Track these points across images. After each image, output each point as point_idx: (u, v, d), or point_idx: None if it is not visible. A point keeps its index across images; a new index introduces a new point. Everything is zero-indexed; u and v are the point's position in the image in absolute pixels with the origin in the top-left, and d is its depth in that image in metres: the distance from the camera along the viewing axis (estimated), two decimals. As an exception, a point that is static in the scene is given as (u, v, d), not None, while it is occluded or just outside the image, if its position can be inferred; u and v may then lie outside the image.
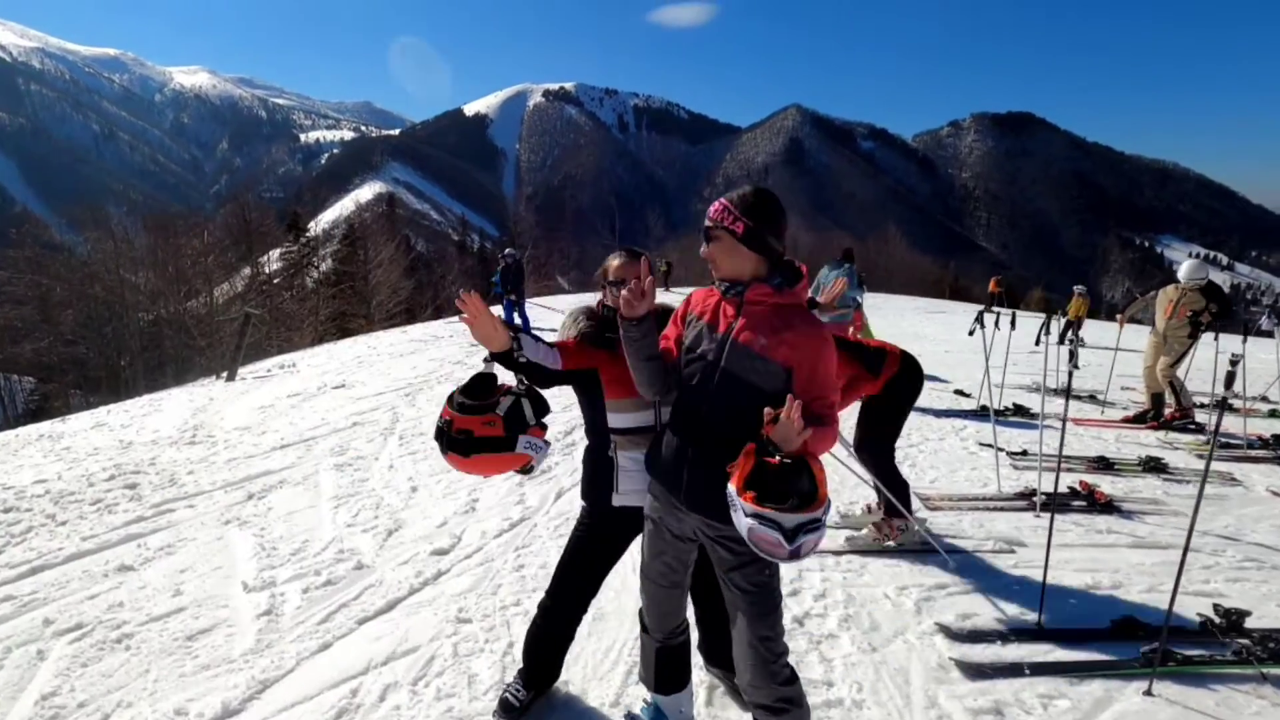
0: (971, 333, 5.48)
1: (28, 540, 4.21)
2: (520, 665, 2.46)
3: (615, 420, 2.21)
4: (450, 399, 2.04)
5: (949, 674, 2.65)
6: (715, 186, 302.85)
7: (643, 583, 2.16)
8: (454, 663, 2.70)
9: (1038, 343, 5.40)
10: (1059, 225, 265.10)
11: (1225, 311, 7.05)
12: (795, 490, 1.62)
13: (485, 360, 2.08)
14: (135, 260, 26.77)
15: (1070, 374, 3.31)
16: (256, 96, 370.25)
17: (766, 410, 1.67)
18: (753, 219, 1.85)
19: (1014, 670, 2.65)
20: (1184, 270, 7.18)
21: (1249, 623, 2.89)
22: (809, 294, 2.22)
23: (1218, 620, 2.89)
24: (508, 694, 2.40)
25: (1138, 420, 7.34)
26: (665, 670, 2.21)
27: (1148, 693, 2.52)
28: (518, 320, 12.67)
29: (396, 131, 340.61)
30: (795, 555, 1.60)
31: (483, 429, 1.97)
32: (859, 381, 3.67)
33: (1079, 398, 8.69)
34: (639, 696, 2.46)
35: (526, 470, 2.12)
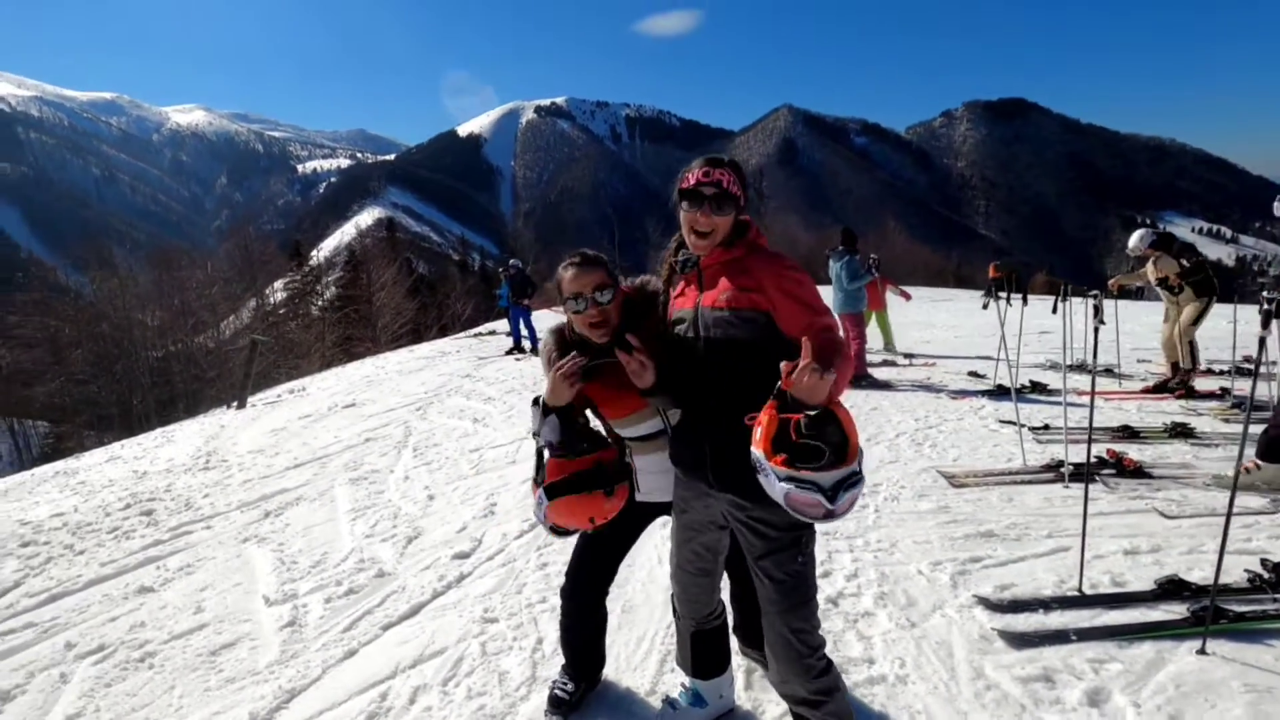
0: (985, 306, 5.41)
1: (47, 570, 4.18)
2: (561, 661, 2.40)
3: (624, 432, 2.12)
4: (559, 455, 1.97)
5: (993, 645, 2.56)
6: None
7: (673, 570, 2.09)
8: (483, 662, 2.64)
9: (1055, 310, 5.33)
10: (1058, 209, 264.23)
11: (1199, 268, 7.16)
12: (827, 443, 1.48)
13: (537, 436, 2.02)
14: (141, 297, 26.93)
15: (1097, 332, 3.21)
16: (252, 130, 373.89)
17: (783, 364, 1.53)
18: (744, 188, 1.82)
19: (1060, 637, 2.56)
20: (1130, 242, 7.44)
21: (1299, 576, 2.79)
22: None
23: (1267, 575, 2.80)
24: (556, 689, 2.33)
25: (1158, 390, 7.23)
26: (702, 654, 2.14)
27: (1201, 651, 2.43)
28: (524, 330, 12.62)
29: (392, 156, 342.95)
30: (833, 515, 1.48)
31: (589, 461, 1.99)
32: None
33: (1093, 372, 8.57)
34: (675, 683, 2.38)
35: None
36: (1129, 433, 5.45)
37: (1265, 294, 2.49)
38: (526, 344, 12.55)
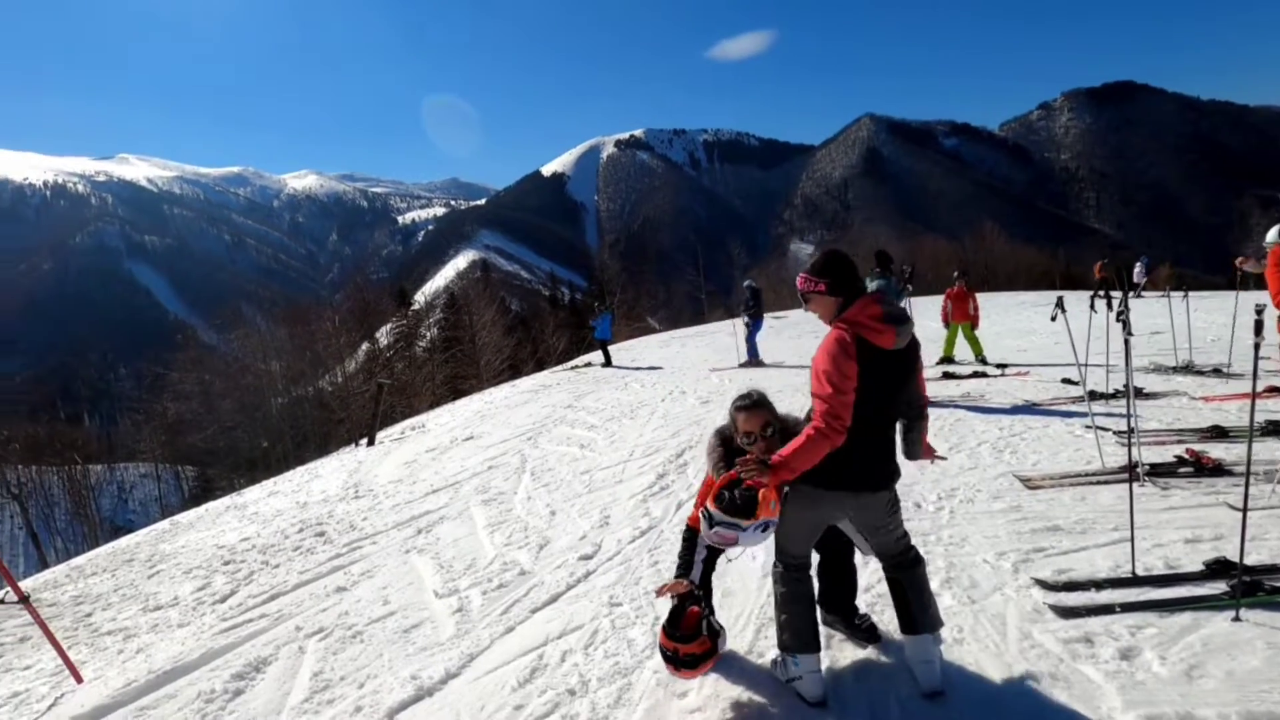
0: (1054, 318, 5.62)
1: (254, 580, 5.24)
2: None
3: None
4: (669, 635, 2.70)
5: (1044, 616, 2.98)
6: (795, 208, 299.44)
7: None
8: (614, 633, 3.32)
9: (1093, 308, 5.48)
10: (1181, 194, 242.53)
11: None
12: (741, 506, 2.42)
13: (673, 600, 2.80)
14: (278, 349, 30.16)
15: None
16: (357, 189, 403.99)
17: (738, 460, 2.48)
18: (828, 276, 2.51)
19: (1105, 610, 2.95)
20: (1269, 236, 7.05)
21: (1347, 556, 3.03)
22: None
23: (1312, 555, 3.05)
24: None
25: (1272, 390, 7.02)
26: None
27: (1236, 619, 2.75)
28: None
29: (483, 201, 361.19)
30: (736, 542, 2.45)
31: (699, 648, 2.67)
32: None
33: (1202, 372, 8.40)
34: (769, 646, 2.97)
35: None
36: (1218, 432, 5.52)
37: None
38: (766, 358, 13.59)
